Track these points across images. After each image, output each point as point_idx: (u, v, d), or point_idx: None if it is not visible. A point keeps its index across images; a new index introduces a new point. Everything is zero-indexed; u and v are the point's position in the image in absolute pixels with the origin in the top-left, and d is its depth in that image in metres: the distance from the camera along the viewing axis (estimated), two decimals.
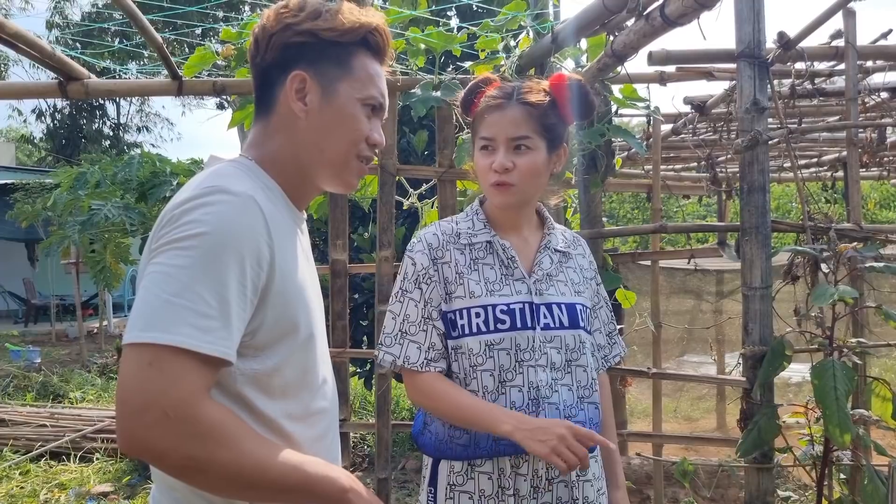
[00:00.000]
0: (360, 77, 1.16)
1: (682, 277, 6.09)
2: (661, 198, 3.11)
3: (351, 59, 1.15)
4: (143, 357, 0.92)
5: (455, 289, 1.52)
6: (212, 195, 1.00)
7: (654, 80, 2.91)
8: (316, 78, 1.13)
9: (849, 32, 2.61)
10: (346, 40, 1.14)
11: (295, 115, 1.14)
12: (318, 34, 1.12)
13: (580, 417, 1.52)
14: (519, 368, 1.48)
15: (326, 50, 1.13)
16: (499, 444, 1.47)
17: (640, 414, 5.70)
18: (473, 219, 1.60)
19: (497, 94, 1.53)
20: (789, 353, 2.20)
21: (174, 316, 0.93)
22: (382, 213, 2.87)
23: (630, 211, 14.15)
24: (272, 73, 1.15)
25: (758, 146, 2.25)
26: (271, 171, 1.16)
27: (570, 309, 1.56)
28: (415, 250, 1.57)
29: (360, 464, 5.08)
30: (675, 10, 1.49)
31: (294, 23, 1.12)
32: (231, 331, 0.97)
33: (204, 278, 0.95)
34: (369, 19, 1.16)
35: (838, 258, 2.22)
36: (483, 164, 1.52)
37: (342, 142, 1.16)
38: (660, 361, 3.15)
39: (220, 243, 0.97)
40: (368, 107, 1.17)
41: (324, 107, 1.14)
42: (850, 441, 2.01)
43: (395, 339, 1.55)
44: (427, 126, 3.94)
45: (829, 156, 5.27)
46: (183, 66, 2.67)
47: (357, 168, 1.19)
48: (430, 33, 2.61)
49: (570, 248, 1.66)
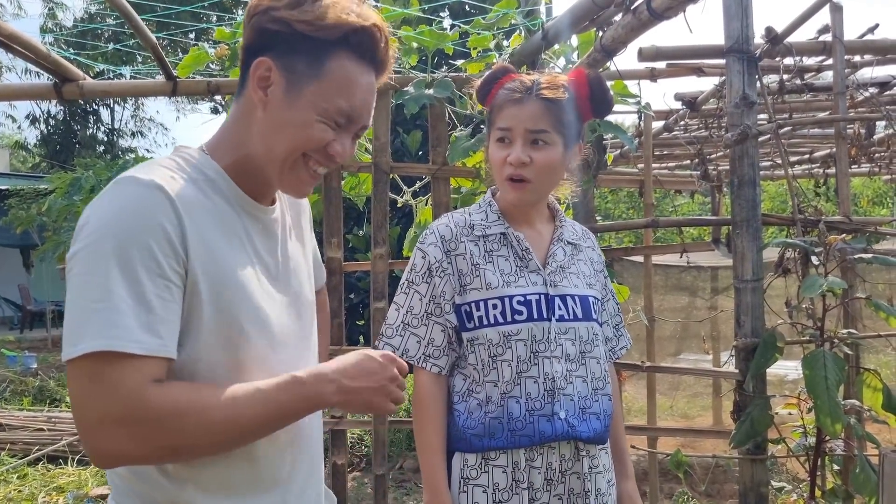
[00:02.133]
0: (333, 82, 1.05)
1: (677, 274, 6.13)
2: (657, 197, 3.13)
3: (327, 59, 1.05)
4: (82, 372, 0.92)
5: (470, 280, 1.53)
6: (114, 189, 0.99)
7: (645, 76, 2.94)
8: (283, 71, 1.05)
9: (836, 27, 2.64)
10: (322, 36, 1.04)
11: (255, 103, 1.08)
12: (291, 24, 1.03)
13: (595, 409, 1.54)
14: (535, 360, 1.49)
15: (301, 44, 1.04)
16: (514, 436, 1.48)
17: (637, 412, 5.72)
18: (487, 210, 1.61)
19: (516, 87, 1.52)
20: (781, 344, 2.22)
21: (97, 322, 0.91)
22: (377, 211, 2.89)
23: (625, 211, 14.19)
24: (246, 56, 1.09)
25: (747, 140, 2.28)
26: (222, 158, 1.11)
27: (584, 301, 1.57)
28: (427, 243, 1.57)
29: (357, 463, 5.09)
30: (661, 4, 1.52)
31: (273, 7, 1.04)
32: (156, 321, 0.94)
33: (115, 277, 0.93)
34: (355, 18, 1.05)
35: (828, 250, 2.25)
36: (498, 157, 1.52)
37: (285, 144, 1.07)
38: (654, 356, 3.17)
39: (121, 238, 0.94)
40: (334, 120, 1.07)
41: (283, 103, 1.06)
42: (840, 430, 2.03)
43: (396, 331, 1.56)
44: (421, 126, 3.97)
45: (820, 152, 5.30)
46: (177, 66, 2.69)
47: (301, 176, 1.11)
48: (423, 32, 2.63)
49: (581, 240, 1.68)
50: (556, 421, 1.48)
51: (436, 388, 1.55)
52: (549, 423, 1.47)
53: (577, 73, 1.56)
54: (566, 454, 1.51)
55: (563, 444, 1.50)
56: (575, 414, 1.50)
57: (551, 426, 1.47)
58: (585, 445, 1.52)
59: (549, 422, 1.48)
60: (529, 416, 1.47)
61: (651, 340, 3.12)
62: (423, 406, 1.55)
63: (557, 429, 1.47)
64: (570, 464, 1.51)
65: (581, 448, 1.52)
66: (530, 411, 1.48)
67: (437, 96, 2.60)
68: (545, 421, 1.48)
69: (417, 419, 1.57)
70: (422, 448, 1.55)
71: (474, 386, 1.53)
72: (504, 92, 1.54)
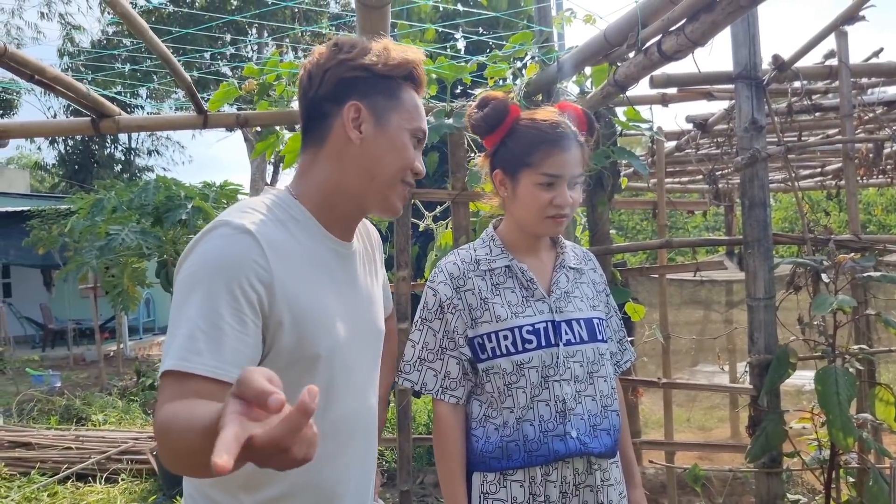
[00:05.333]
0: (408, 109, 1.26)
1: (692, 289, 6.17)
2: (669, 211, 3.21)
3: (400, 92, 1.26)
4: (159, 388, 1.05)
5: (481, 314, 1.62)
6: (210, 232, 1.12)
7: (657, 101, 3.03)
8: (369, 108, 1.23)
9: (841, 52, 2.72)
10: (396, 74, 1.25)
11: (347, 143, 1.23)
12: (371, 69, 1.22)
13: (605, 425, 1.62)
14: (545, 384, 1.58)
15: (378, 83, 1.24)
16: (531, 456, 1.57)
17: (654, 424, 5.75)
18: (490, 245, 1.69)
19: (560, 135, 1.57)
20: (794, 360, 2.29)
21: (175, 346, 1.03)
22: (399, 235, 2.99)
23: (639, 222, 14.22)
24: (325, 106, 1.24)
25: (757, 163, 2.37)
26: (309, 201, 1.25)
27: (589, 323, 1.65)
28: (437, 281, 1.66)
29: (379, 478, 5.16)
30: (670, 47, 1.61)
31: (348, 58, 1.22)
32: (222, 350, 1.03)
33: (200, 308, 1.04)
34: (414, 55, 1.27)
35: (838, 269, 2.32)
36: (543, 199, 1.57)
37: (392, 167, 1.25)
38: (670, 371, 3.24)
39: (210, 275, 1.07)
40: (415, 138, 1.27)
41: (377, 135, 1.23)
42: (853, 444, 2.10)
43: (413, 367, 1.66)
44: (437, 147, 4.07)
45: (832, 166, 5.36)
46: (207, 101, 2.81)
47: (401, 193, 1.29)
48: (442, 65, 2.74)
49: (582, 263, 1.76)
50: (569, 440, 1.56)
51: (454, 418, 1.65)
52: (562, 443, 1.56)
53: (576, 111, 1.65)
54: (580, 468, 1.59)
55: (576, 458, 1.59)
56: (586, 432, 1.58)
57: (564, 445, 1.56)
58: (597, 460, 1.61)
59: (563, 441, 1.56)
60: (544, 437, 1.56)
61: (667, 357, 3.19)
62: (443, 436, 1.64)
63: (570, 447, 1.56)
64: (584, 477, 1.60)
65: (594, 462, 1.60)
66: (544, 433, 1.57)
67: (456, 126, 2.71)
68: (559, 441, 1.56)
69: (439, 448, 1.65)
70: (443, 475, 1.64)
71: (491, 412, 1.61)
72: (537, 133, 1.59)
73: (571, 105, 1.68)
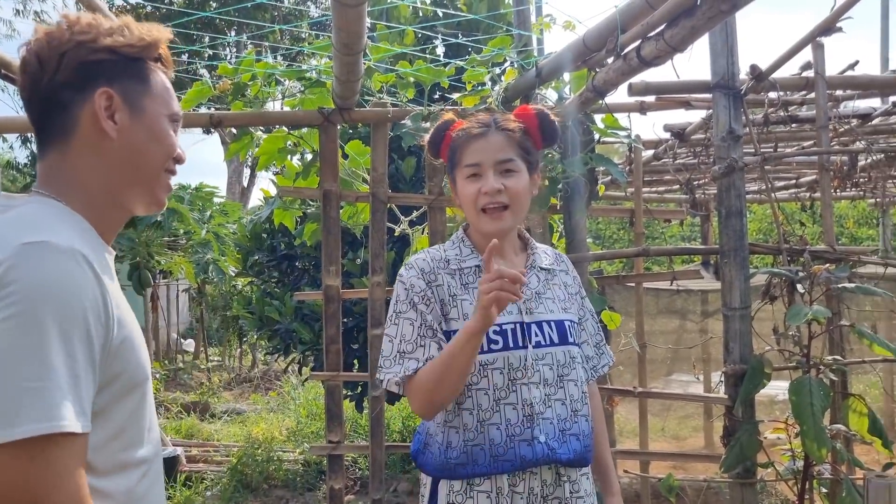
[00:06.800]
0: (160, 93, 1.14)
1: (668, 298, 6.21)
2: (646, 221, 3.22)
3: (150, 74, 1.13)
4: (21, 453, 0.87)
5: (449, 310, 1.59)
6: (35, 254, 0.93)
7: (635, 109, 3.03)
8: (121, 95, 1.08)
9: (818, 64, 2.74)
10: (145, 55, 1.12)
11: (102, 137, 1.07)
12: (117, 50, 1.08)
13: (574, 430, 1.59)
14: (512, 387, 1.54)
15: (127, 67, 1.10)
16: (496, 461, 1.53)
17: (629, 433, 5.76)
18: (460, 246, 1.67)
19: (477, 124, 1.60)
20: (768, 370, 2.29)
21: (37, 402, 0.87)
22: (374, 240, 2.95)
23: (616, 231, 14.30)
24: (64, 94, 1.07)
25: (734, 173, 2.36)
26: (79, 206, 1.08)
27: (560, 326, 1.62)
28: (408, 276, 1.62)
29: (352, 486, 5.11)
30: (650, 53, 1.60)
31: (88, 40, 1.06)
32: (83, 403, 0.92)
33: (53, 354, 0.89)
34: (160, 33, 1.14)
35: (813, 279, 2.33)
36: (471, 191, 1.57)
37: (156, 158, 1.13)
38: (645, 380, 3.24)
39: (56, 312, 0.90)
40: (173, 123, 1.16)
41: (134, 124, 1.10)
42: (826, 455, 2.10)
43: (394, 361, 1.58)
44: (415, 152, 4.04)
45: (806, 177, 5.42)
46: (181, 100, 2.75)
47: (167, 184, 1.17)
48: (420, 68, 2.71)
49: (554, 265, 1.73)
50: (537, 445, 1.53)
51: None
52: (529, 448, 1.53)
53: (523, 109, 1.66)
54: (547, 479, 1.56)
55: (544, 469, 1.55)
56: (555, 437, 1.55)
57: (532, 450, 1.53)
58: (566, 470, 1.58)
59: (530, 446, 1.53)
60: (510, 442, 1.53)
61: (643, 365, 3.19)
62: (426, 369, 1.53)
63: (538, 452, 1.53)
64: (552, 489, 1.56)
65: (562, 473, 1.57)
66: (511, 437, 1.53)
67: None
68: (525, 445, 1.53)
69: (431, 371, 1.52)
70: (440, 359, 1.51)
71: (450, 416, 1.58)
72: (461, 133, 1.61)
73: (525, 107, 1.68)
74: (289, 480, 5.19)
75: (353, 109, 2.85)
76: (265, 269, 5.25)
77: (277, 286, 5.10)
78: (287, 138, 3.12)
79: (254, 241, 5.23)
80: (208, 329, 11.28)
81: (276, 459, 5.35)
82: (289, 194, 3.25)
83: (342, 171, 3.05)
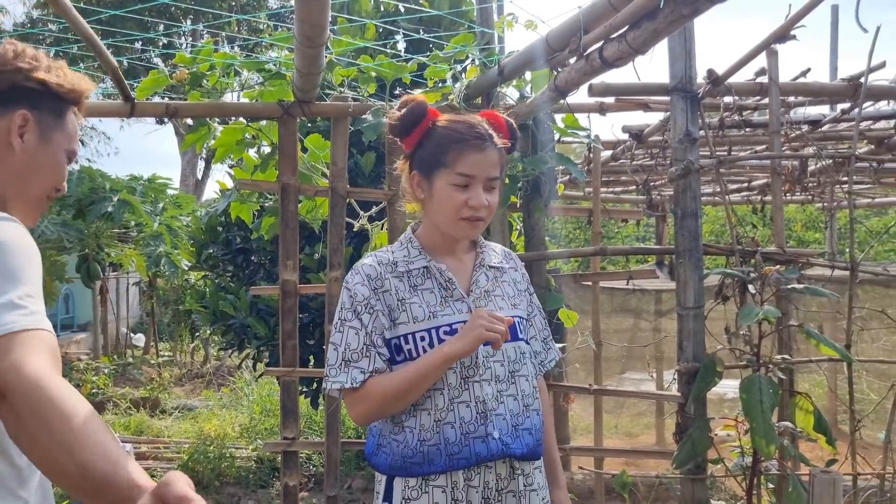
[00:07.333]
0: (69, 132, 1.31)
1: (623, 297, 6.30)
2: (603, 221, 3.26)
3: (66, 113, 1.31)
4: None
5: (398, 315, 1.59)
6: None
7: (595, 110, 3.06)
8: (36, 121, 1.25)
9: (772, 70, 2.80)
10: (67, 98, 1.30)
11: (6, 148, 1.23)
12: (47, 85, 1.25)
13: (527, 425, 1.61)
14: (465, 385, 1.56)
15: (51, 101, 1.27)
16: (452, 459, 1.53)
17: (583, 431, 5.83)
18: (408, 247, 1.66)
19: (476, 135, 1.57)
20: (720, 369, 2.34)
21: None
22: (333, 235, 2.93)
23: (572, 231, 14.44)
24: None
25: (690, 174, 2.41)
26: None
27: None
28: (353, 282, 1.61)
29: (305, 484, 5.07)
30: (612, 54, 1.61)
31: (28, 69, 1.24)
32: None
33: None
34: (87, 85, 1.33)
35: (764, 280, 2.38)
36: (458, 200, 1.56)
37: (47, 182, 1.29)
38: (601, 378, 3.28)
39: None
40: (69, 158, 1.32)
41: (39, 149, 1.26)
42: (774, 451, 2.15)
43: (339, 369, 1.58)
44: (374, 147, 4.02)
45: (758, 181, 5.56)
46: (136, 88, 2.69)
47: (45, 208, 1.33)
48: (382, 63, 2.69)
49: (504, 262, 1.75)
50: (491, 441, 1.55)
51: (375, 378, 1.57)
52: (484, 444, 1.54)
53: (496, 118, 1.64)
54: (502, 473, 1.58)
55: (499, 463, 1.57)
56: (508, 432, 1.57)
57: (486, 447, 1.54)
58: (520, 464, 1.60)
59: (484, 442, 1.54)
60: (465, 440, 1.54)
61: (598, 363, 3.22)
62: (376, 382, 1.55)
63: (492, 448, 1.55)
64: (507, 482, 1.58)
65: (516, 467, 1.59)
66: (465, 435, 1.54)
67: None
68: (480, 442, 1.54)
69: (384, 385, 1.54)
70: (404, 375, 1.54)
71: (406, 417, 1.57)
72: (454, 136, 1.58)
73: (493, 113, 1.68)
74: (241, 477, 5.11)
75: (313, 103, 2.82)
76: (220, 262, 5.16)
77: (232, 280, 5.02)
78: (245, 130, 3.07)
79: (209, 235, 5.14)
80: (159, 324, 11.05)
81: (228, 456, 5.27)
82: (247, 187, 3.20)
83: (301, 165, 3.02)
